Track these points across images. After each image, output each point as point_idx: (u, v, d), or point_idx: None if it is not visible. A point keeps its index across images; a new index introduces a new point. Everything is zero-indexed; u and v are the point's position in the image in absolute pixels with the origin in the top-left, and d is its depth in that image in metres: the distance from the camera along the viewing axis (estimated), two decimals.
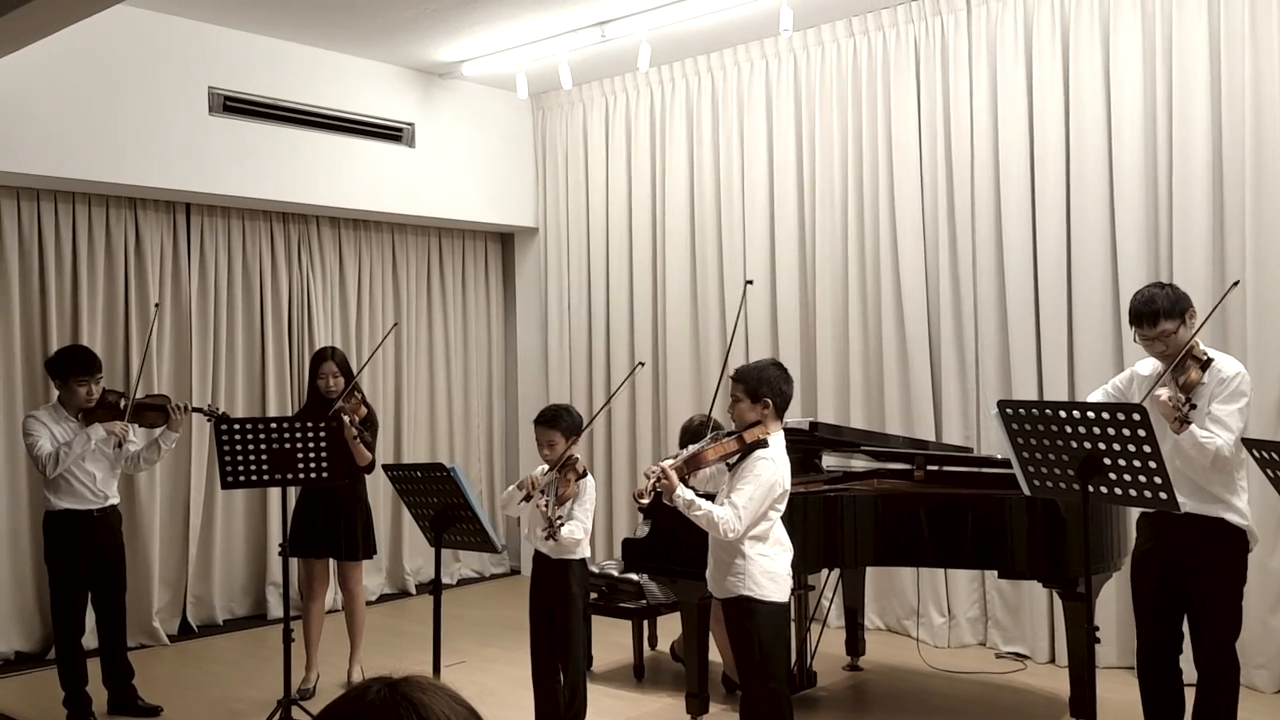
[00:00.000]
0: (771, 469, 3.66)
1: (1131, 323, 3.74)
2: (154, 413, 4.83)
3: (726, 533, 3.60)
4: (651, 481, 3.62)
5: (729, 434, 3.80)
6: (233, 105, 6.36)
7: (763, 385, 3.75)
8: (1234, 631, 3.71)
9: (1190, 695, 3.81)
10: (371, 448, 5.19)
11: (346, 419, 4.99)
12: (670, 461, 3.69)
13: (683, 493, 3.62)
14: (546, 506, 4.10)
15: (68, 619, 4.77)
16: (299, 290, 7.11)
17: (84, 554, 4.76)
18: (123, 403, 4.78)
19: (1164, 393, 3.57)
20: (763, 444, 3.70)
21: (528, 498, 4.09)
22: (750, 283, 4.91)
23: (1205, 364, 3.63)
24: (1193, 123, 5.17)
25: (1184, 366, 3.62)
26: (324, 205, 6.89)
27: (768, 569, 3.69)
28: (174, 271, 6.57)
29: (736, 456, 3.74)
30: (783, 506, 3.74)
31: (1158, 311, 3.65)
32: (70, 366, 4.75)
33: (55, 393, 5.95)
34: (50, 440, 4.69)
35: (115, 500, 4.90)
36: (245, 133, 6.42)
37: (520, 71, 6.90)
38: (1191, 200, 5.17)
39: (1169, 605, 3.79)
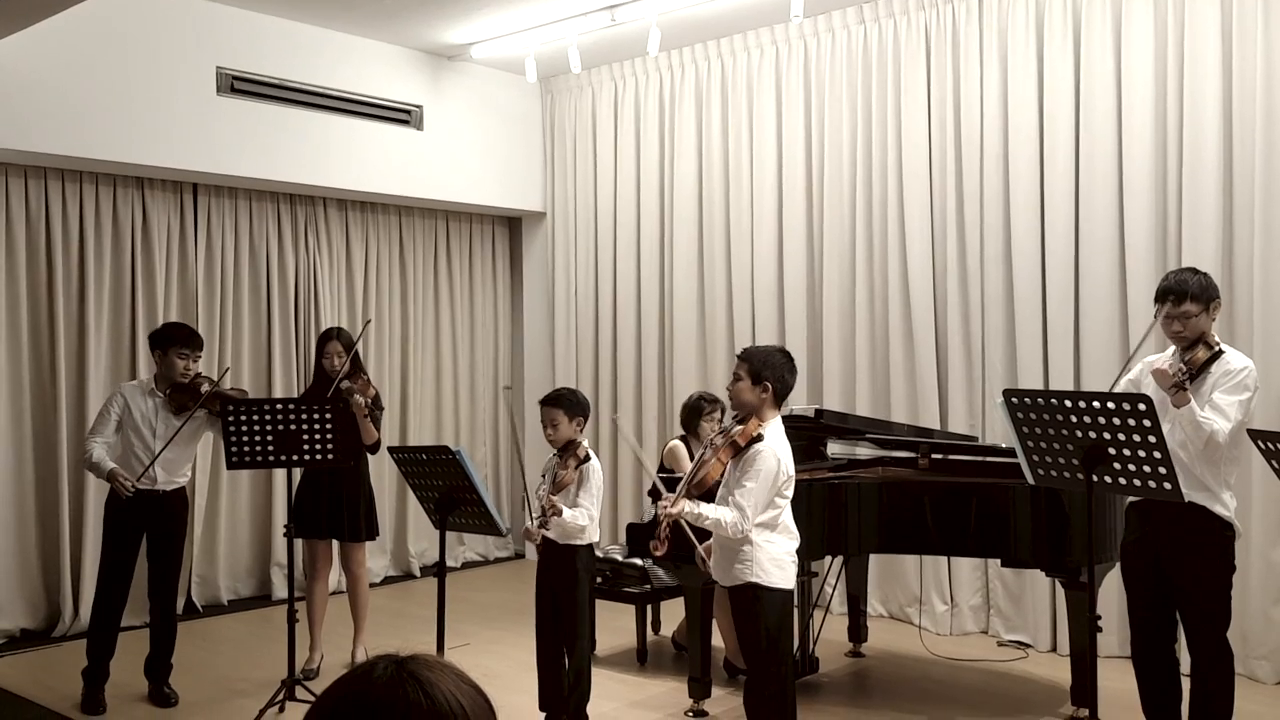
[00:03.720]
0: (771, 463, 3.62)
1: (1157, 298, 3.76)
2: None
3: (736, 534, 3.60)
4: (664, 530, 3.63)
5: (724, 437, 3.74)
6: (241, 86, 6.35)
7: (766, 369, 3.72)
8: (1224, 621, 3.72)
9: (1187, 684, 3.82)
10: (379, 427, 5.21)
11: (359, 397, 5.01)
12: (671, 499, 3.65)
13: (689, 509, 3.60)
14: (542, 491, 4.11)
15: (106, 592, 4.81)
16: (305, 272, 7.12)
17: (132, 532, 4.78)
18: (205, 386, 4.80)
19: (1165, 362, 3.62)
20: (758, 439, 3.66)
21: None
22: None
23: (1215, 354, 3.65)
24: (1203, 114, 5.15)
25: (1192, 346, 3.68)
26: (331, 187, 6.89)
27: (775, 555, 3.68)
28: (180, 252, 6.58)
29: (737, 457, 3.71)
30: (789, 492, 3.72)
31: (1186, 291, 3.67)
32: (172, 338, 4.82)
33: (61, 374, 6.04)
34: (110, 433, 4.74)
35: (178, 484, 4.87)
36: (253, 113, 6.42)
37: (529, 55, 6.88)
38: (1201, 193, 5.15)
39: (1160, 594, 3.81)
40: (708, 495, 3.72)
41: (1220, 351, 3.67)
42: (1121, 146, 5.41)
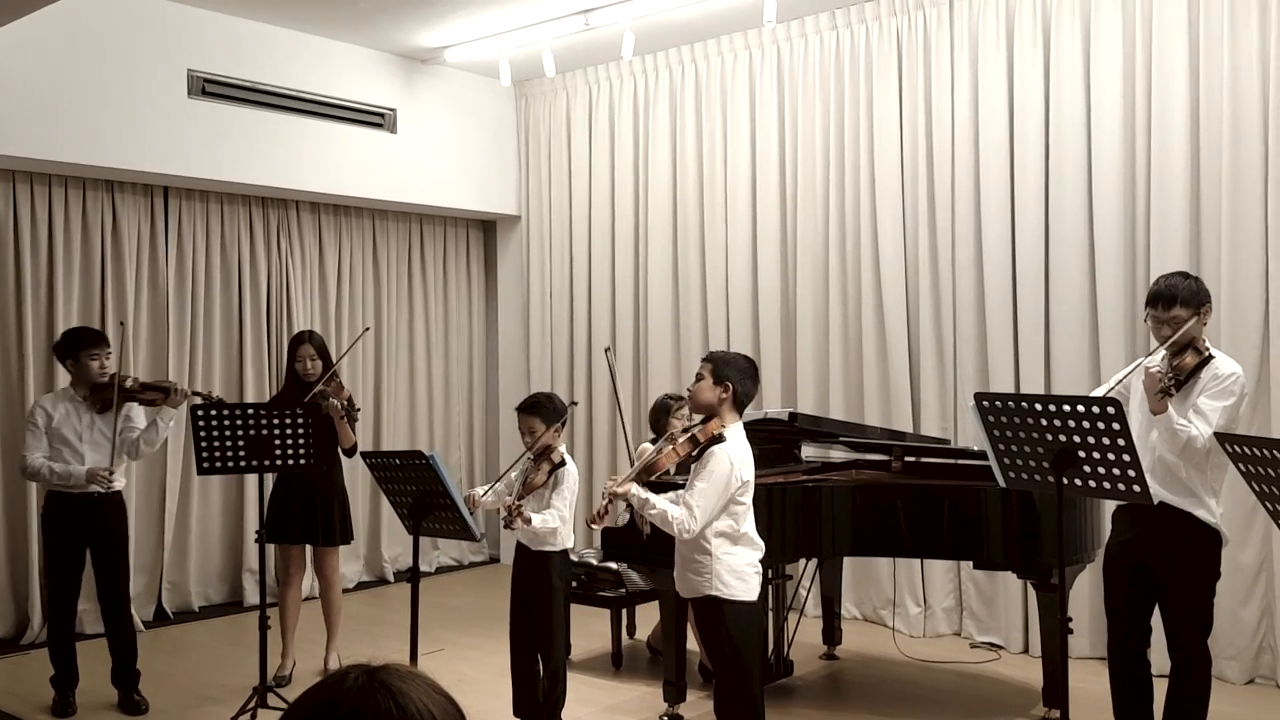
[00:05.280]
0: (725, 466, 3.58)
1: (1147, 303, 3.76)
2: (155, 392, 4.84)
3: (682, 532, 3.56)
4: (604, 503, 3.59)
5: (685, 432, 3.74)
6: (212, 89, 6.31)
7: (730, 368, 3.71)
8: (1206, 626, 3.75)
9: (1160, 686, 3.85)
10: (355, 430, 5.20)
11: (334, 400, 5.00)
12: (620, 478, 3.65)
13: (637, 492, 3.58)
14: (511, 493, 4.11)
15: (55, 599, 4.80)
16: (278, 276, 7.07)
17: (74, 536, 4.75)
18: (128, 382, 4.79)
19: (1154, 364, 3.62)
20: (718, 439, 3.64)
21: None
22: (609, 349, 4.87)
23: (1205, 359, 3.66)
24: (1171, 119, 5.21)
25: (1181, 351, 3.68)
26: (304, 190, 6.85)
27: (734, 567, 3.64)
28: (151, 256, 6.52)
29: (693, 453, 3.70)
30: (746, 499, 3.68)
31: (1175, 296, 3.67)
32: (79, 341, 4.81)
33: (29, 380, 5.98)
34: (43, 446, 4.70)
35: (116, 486, 4.83)
36: (225, 116, 6.37)
37: (504, 58, 6.87)
38: (1169, 197, 5.21)
39: (1141, 598, 3.83)
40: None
41: (1210, 357, 3.68)
42: (1091, 151, 5.47)
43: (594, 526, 3.62)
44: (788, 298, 6.62)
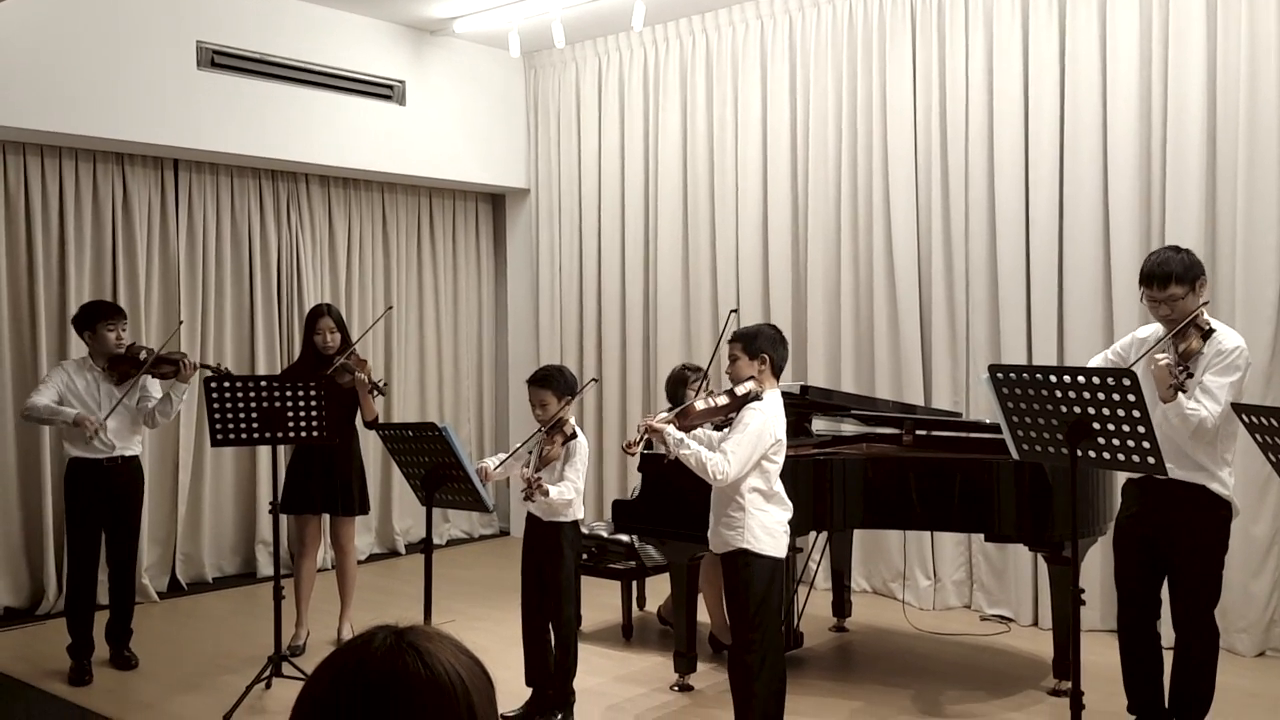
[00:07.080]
0: (760, 419, 3.71)
1: (1141, 282, 3.72)
2: (168, 365, 4.95)
3: (715, 474, 3.65)
4: (641, 433, 3.68)
5: (724, 391, 3.84)
6: (222, 60, 6.28)
7: (760, 341, 3.84)
8: (1213, 598, 3.75)
9: (1169, 659, 3.86)
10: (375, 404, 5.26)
11: (359, 374, 5.03)
12: (662, 416, 3.74)
13: (672, 431, 3.67)
14: (529, 466, 4.13)
15: (75, 563, 4.90)
16: (288, 249, 7.07)
17: (93, 502, 4.87)
18: (143, 354, 4.92)
19: (1164, 358, 3.58)
20: (755, 397, 3.74)
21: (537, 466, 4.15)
22: (735, 311, 4.82)
23: (1207, 334, 3.62)
24: (1187, 90, 5.16)
25: (1185, 334, 3.61)
26: (314, 163, 6.84)
27: (766, 524, 3.75)
28: (161, 228, 6.52)
29: (730, 412, 3.78)
30: (779, 459, 3.79)
31: (1170, 274, 3.62)
32: (97, 313, 4.93)
33: (42, 351, 6.01)
34: (53, 395, 4.82)
35: (133, 452, 4.98)
36: (234, 88, 6.35)
37: (513, 29, 6.83)
38: (1184, 169, 5.17)
39: (1150, 570, 3.83)
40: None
41: (1212, 330, 3.63)
42: (1106, 122, 5.42)
43: (629, 453, 3.73)
44: (799, 270, 6.60)
